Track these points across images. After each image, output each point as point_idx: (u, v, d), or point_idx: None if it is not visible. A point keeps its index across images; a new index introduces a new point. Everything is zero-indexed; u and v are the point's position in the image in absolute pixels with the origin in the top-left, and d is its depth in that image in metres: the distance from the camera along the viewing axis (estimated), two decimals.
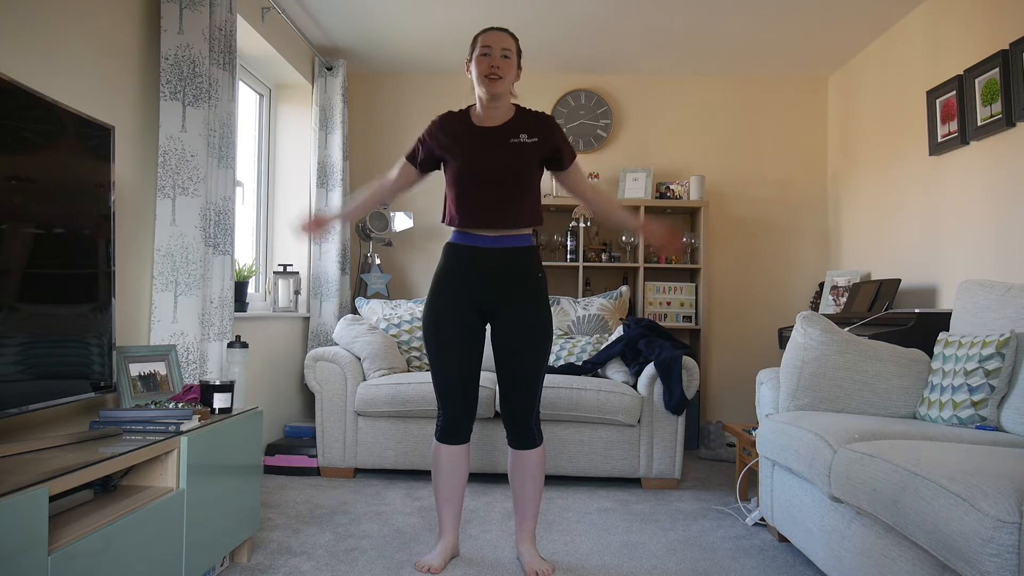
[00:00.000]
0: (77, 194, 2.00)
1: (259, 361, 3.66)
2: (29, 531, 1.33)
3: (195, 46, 2.70)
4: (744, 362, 4.86)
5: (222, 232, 2.87)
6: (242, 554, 2.38)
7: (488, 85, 2.28)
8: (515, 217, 2.32)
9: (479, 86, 2.32)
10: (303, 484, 3.40)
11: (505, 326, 2.33)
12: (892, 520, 1.71)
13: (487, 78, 2.28)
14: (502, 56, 2.29)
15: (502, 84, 2.29)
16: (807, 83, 4.90)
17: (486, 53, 2.29)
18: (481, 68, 2.29)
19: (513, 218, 2.32)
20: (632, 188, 4.72)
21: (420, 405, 3.44)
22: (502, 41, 2.31)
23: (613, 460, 3.45)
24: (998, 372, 2.28)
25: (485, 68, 2.28)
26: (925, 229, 3.70)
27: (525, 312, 2.32)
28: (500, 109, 2.35)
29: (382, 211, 4.58)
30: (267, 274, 4.25)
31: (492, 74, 2.27)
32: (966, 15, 3.37)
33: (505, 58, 2.29)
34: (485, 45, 2.30)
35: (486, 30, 2.35)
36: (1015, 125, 3.00)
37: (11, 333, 1.73)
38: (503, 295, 2.32)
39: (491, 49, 2.29)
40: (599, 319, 4.13)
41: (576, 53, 4.52)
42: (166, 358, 2.48)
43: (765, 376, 2.80)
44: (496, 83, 2.28)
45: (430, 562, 2.33)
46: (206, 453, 2.05)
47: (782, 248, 4.90)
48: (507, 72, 2.29)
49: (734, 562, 2.46)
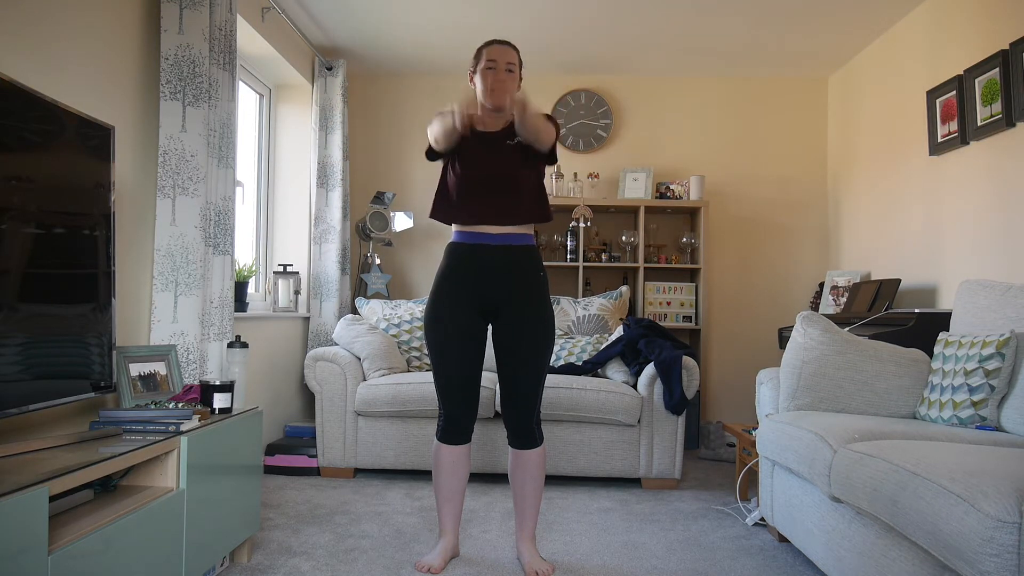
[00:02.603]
0: (77, 194, 2.00)
1: (259, 361, 3.66)
2: (29, 531, 1.33)
3: (195, 46, 2.70)
4: (744, 362, 4.86)
5: (222, 232, 2.87)
6: (242, 554, 2.38)
7: (492, 98, 2.35)
8: (517, 213, 2.35)
9: (483, 97, 2.37)
10: (303, 484, 3.40)
11: (507, 325, 2.34)
12: (892, 520, 1.71)
13: (492, 92, 2.34)
14: (507, 71, 2.36)
15: (504, 98, 2.34)
16: (807, 83, 4.90)
17: (491, 67, 2.35)
18: (486, 82, 2.35)
19: (515, 214, 2.34)
20: (632, 188, 4.72)
21: (420, 405, 3.44)
22: (507, 55, 2.37)
23: (613, 460, 3.45)
24: (998, 372, 2.28)
25: (490, 82, 2.34)
26: (925, 229, 3.70)
27: (527, 311, 2.33)
28: (501, 116, 2.42)
29: (382, 211, 4.58)
30: (267, 274, 4.25)
31: (497, 88, 2.34)
32: (966, 15, 3.37)
33: (509, 72, 2.36)
34: (491, 59, 2.36)
35: (491, 43, 2.39)
36: (1015, 125, 3.00)
37: (11, 333, 1.73)
38: (505, 293, 2.33)
39: (496, 64, 2.35)
40: (599, 319, 4.14)
41: (576, 53, 4.52)
42: (166, 358, 2.48)
43: (765, 376, 2.80)
44: (499, 97, 2.34)
45: (430, 562, 2.33)
46: (206, 453, 2.05)
47: (782, 248, 4.90)
48: (511, 86, 2.36)
49: (734, 562, 2.46)
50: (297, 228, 4.37)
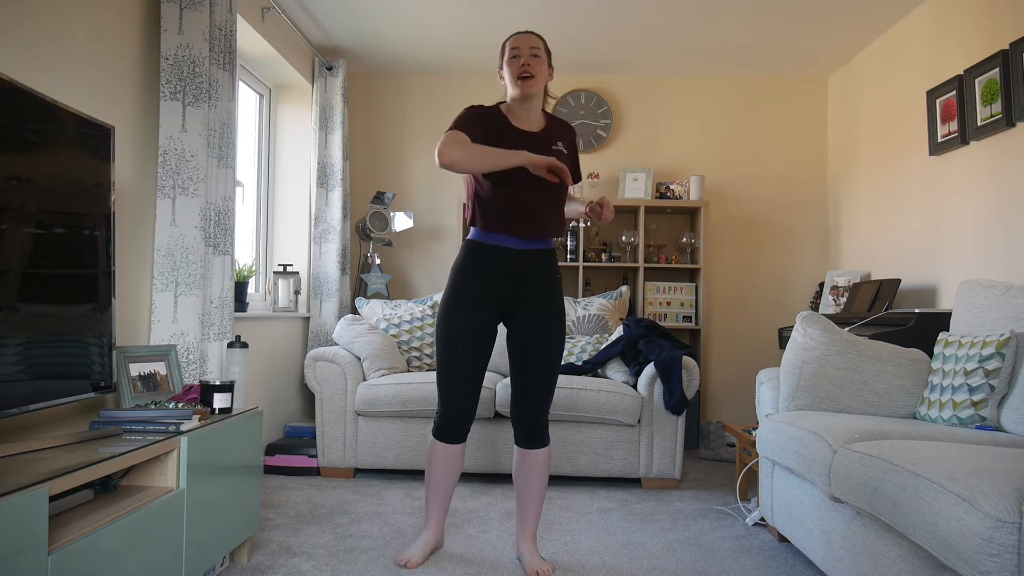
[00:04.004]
0: (77, 194, 2.00)
1: (259, 361, 3.66)
2: (29, 531, 1.33)
3: (195, 46, 2.70)
4: (744, 362, 4.86)
5: (222, 232, 2.87)
6: (242, 554, 2.38)
7: (522, 86, 2.30)
8: (547, 226, 2.35)
9: (512, 87, 2.33)
10: (303, 484, 3.40)
11: (523, 324, 2.35)
12: (892, 520, 1.71)
13: (520, 79, 2.29)
14: (532, 55, 2.31)
15: (535, 83, 2.30)
16: (807, 83, 4.90)
17: (516, 55, 2.31)
18: (513, 70, 2.31)
19: (546, 227, 2.35)
20: (632, 188, 4.72)
21: (420, 405, 3.44)
22: (530, 41, 2.33)
23: (613, 460, 3.45)
24: (998, 372, 2.28)
25: (517, 69, 2.30)
26: (925, 229, 3.70)
27: (544, 311, 2.35)
28: (534, 111, 2.37)
29: (382, 211, 4.58)
30: (267, 274, 4.25)
31: (524, 73, 2.29)
32: (966, 15, 3.37)
33: (535, 56, 2.31)
34: (514, 47, 2.32)
35: (513, 35, 2.37)
36: (1015, 125, 3.00)
37: (11, 333, 1.73)
38: (523, 294, 2.34)
39: (520, 51, 2.31)
40: (599, 319, 4.13)
41: (576, 53, 4.52)
42: (166, 358, 2.48)
43: (765, 376, 2.80)
44: (529, 82, 2.29)
45: (408, 556, 2.36)
46: (206, 453, 2.05)
47: (782, 248, 4.90)
48: (539, 70, 2.31)
49: (734, 562, 2.46)
50: (297, 228, 4.37)
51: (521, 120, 2.36)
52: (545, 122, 2.41)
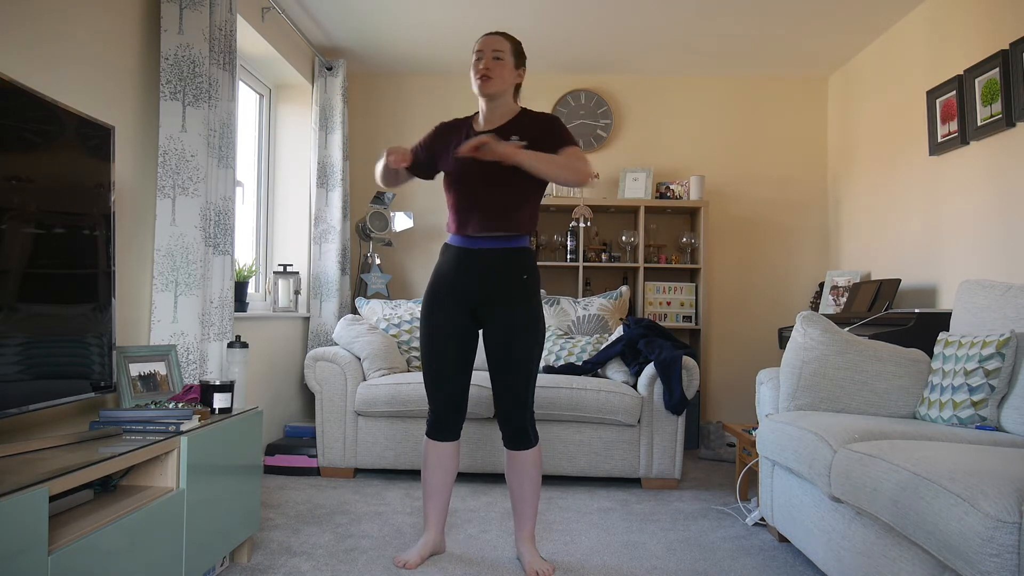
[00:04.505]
0: (77, 194, 2.00)
1: (259, 361, 3.66)
2: (29, 531, 1.33)
3: (195, 46, 2.70)
4: (744, 362, 4.86)
5: (222, 232, 2.87)
6: (242, 554, 2.38)
7: (480, 87, 2.36)
8: (500, 220, 2.33)
9: (474, 87, 2.39)
10: (303, 484, 3.40)
11: (494, 326, 2.36)
12: (892, 520, 1.71)
13: (479, 79, 2.35)
14: (493, 58, 2.35)
15: (492, 84, 2.34)
16: (807, 83, 4.90)
17: (479, 57, 2.37)
18: (474, 71, 2.37)
19: (498, 221, 2.33)
20: (632, 188, 4.72)
21: (420, 405, 3.44)
22: (493, 43, 2.37)
23: (613, 460, 3.45)
24: (998, 372, 2.28)
25: (476, 71, 2.36)
26: (925, 229, 3.70)
27: (512, 312, 2.34)
28: (499, 111, 2.40)
29: (382, 211, 4.58)
30: (267, 274, 4.25)
31: (482, 75, 2.34)
32: (966, 15, 3.37)
33: (496, 59, 2.35)
34: (478, 50, 2.38)
35: (482, 36, 2.42)
36: (1015, 125, 3.00)
37: (11, 333, 1.73)
38: (491, 296, 2.35)
39: (483, 52, 2.36)
40: (599, 319, 4.13)
41: (576, 53, 4.52)
42: (166, 358, 2.48)
43: (765, 376, 2.80)
44: (486, 83, 2.35)
45: (406, 558, 2.36)
46: (206, 453, 2.05)
47: (782, 248, 4.90)
48: (498, 73, 2.34)
49: (734, 562, 2.46)
50: (297, 228, 4.37)
51: (489, 121, 2.41)
52: (512, 118, 2.40)
